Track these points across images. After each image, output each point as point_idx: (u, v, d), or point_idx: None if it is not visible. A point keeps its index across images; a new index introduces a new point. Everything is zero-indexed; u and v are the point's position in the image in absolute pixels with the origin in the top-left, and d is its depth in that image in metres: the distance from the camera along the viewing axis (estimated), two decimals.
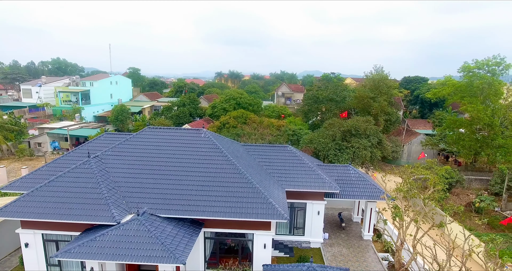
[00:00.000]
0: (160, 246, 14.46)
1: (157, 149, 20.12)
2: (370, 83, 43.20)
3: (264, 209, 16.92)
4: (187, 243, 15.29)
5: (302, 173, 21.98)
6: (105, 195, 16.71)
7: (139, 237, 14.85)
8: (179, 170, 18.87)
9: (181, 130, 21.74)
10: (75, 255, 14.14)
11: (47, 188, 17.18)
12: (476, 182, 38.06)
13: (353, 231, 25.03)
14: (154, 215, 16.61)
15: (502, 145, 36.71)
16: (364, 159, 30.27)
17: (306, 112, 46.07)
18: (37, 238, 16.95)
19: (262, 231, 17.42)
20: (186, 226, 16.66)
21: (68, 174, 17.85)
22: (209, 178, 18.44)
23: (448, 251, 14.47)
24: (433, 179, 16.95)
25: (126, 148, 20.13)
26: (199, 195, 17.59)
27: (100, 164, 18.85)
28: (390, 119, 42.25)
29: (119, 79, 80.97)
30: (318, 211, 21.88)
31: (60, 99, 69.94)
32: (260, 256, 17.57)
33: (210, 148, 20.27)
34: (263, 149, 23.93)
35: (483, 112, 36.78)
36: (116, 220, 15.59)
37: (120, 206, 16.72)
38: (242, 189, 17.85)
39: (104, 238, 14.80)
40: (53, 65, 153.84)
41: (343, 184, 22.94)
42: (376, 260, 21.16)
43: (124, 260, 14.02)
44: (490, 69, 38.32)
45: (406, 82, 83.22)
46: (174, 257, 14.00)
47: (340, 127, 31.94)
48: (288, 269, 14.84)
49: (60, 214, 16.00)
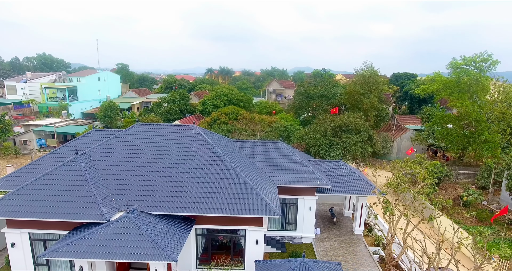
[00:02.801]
0: (151, 243, 14.26)
1: (147, 146, 19.81)
2: (360, 79, 43.46)
3: (256, 205, 16.85)
4: (178, 240, 15.12)
5: (293, 168, 21.97)
6: (93, 192, 16.38)
7: (129, 235, 14.62)
8: (169, 166, 18.62)
9: (171, 127, 21.44)
10: (63, 254, 13.83)
11: (34, 186, 16.74)
12: (464, 176, 38.79)
13: (344, 226, 25.21)
14: (144, 212, 16.37)
15: (489, 140, 37.46)
16: (355, 154, 30.49)
17: (297, 108, 46.13)
18: (24, 238, 16.52)
19: (254, 227, 17.35)
20: (177, 223, 16.47)
21: (55, 171, 17.42)
22: (200, 174, 18.25)
23: (437, 244, 14.68)
24: (423, 174, 17.13)
25: (115, 145, 19.76)
26: (190, 191, 17.40)
27: (88, 161, 18.46)
28: (380, 115, 42.63)
29: (107, 75, 79.50)
30: (310, 206, 21.93)
31: (46, 95, 68.30)
32: (252, 252, 17.52)
33: (201, 144, 20.06)
34: (254, 144, 23.81)
35: (470, 107, 37.40)
36: (106, 218, 15.30)
37: (109, 204, 16.42)
38: (233, 185, 17.73)
39: (93, 236, 14.52)
40: (38, 61, 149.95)
41: (334, 179, 23.03)
42: (367, 254, 21.37)
43: (114, 258, 13.78)
44: (478, 65, 38.92)
45: (396, 79, 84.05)
46: (165, 254, 13.83)
47: (331, 123, 32.07)
48: (280, 264, 14.82)
49: (47, 213, 15.61)
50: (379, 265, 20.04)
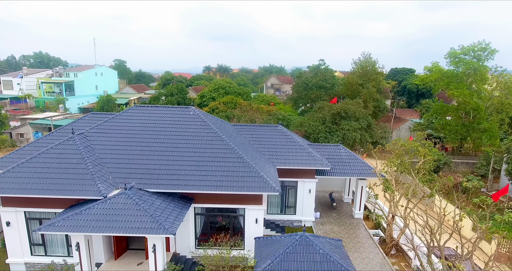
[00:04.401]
0: (149, 218, 14.03)
1: (144, 126, 19.57)
2: (359, 70, 43.32)
3: (256, 182, 16.65)
4: (176, 216, 14.90)
5: (293, 151, 21.79)
6: (90, 169, 16.13)
7: (127, 210, 14.38)
8: (167, 146, 18.39)
9: (169, 108, 21.20)
10: (59, 228, 13.58)
11: (29, 164, 16.46)
12: (463, 166, 38.74)
13: (344, 211, 25.06)
14: (142, 189, 16.13)
15: (488, 129, 37.42)
16: (354, 141, 30.33)
17: (296, 99, 45.91)
18: (19, 216, 16.22)
19: (253, 206, 17.14)
20: (175, 201, 16.25)
21: (51, 150, 17.15)
22: (198, 153, 18.04)
23: (439, 217, 14.55)
24: (423, 151, 16.98)
25: (112, 126, 19.51)
26: (188, 169, 17.18)
27: (85, 140, 18.21)
28: (379, 106, 42.50)
29: (104, 70, 79.08)
30: (310, 189, 21.74)
31: (43, 90, 67.85)
32: (252, 231, 17.30)
33: (199, 124, 19.84)
34: (253, 128, 23.61)
35: (469, 97, 37.34)
36: (103, 194, 15.05)
37: (106, 181, 16.17)
38: (232, 163, 17.52)
39: (90, 211, 14.27)
40: (35, 59, 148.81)
41: (334, 162, 22.86)
42: (367, 236, 21.21)
43: (112, 232, 13.54)
44: (476, 54, 38.86)
45: (394, 74, 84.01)
46: (163, 228, 13.61)
47: (330, 110, 31.90)
48: (281, 239, 14.62)
49: (43, 189, 15.34)
50: (380, 246, 19.90)
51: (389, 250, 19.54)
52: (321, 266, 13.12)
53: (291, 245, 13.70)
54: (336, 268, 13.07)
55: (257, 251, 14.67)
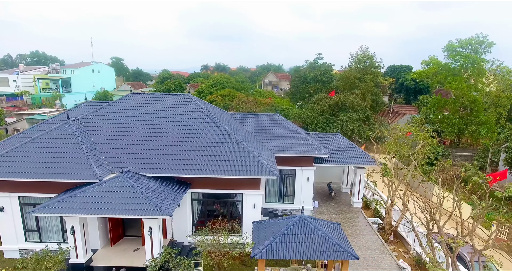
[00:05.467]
0: (145, 200, 13.84)
1: (141, 113, 19.35)
2: (357, 64, 43.25)
3: (253, 166, 16.47)
4: (173, 199, 14.70)
5: (291, 138, 21.63)
6: (86, 154, 15.91)
7: (122, 193, 14.17)
8: (164, 132, 18.19)
9: (165, 95, 21.00)
10: (53, 210, 13.35)
11: (24, 149, 16.22)
12: (461, 158, 38.69)
13: (343, 200, 24.94)
14: (138, 174, 15.93)
15: (485, 122, 37.44)
16: (352, 132, 30.23)
17: (294, 93, 45.80)
18: (14, 202, 15.96)
19: (251, 191, 16.95)
20: (172, 185, 16.06)
21: (46, 135, 16.92)
22: (195, 139, 17.84)
23: (438, 198, 14.45)
24: (422, 135, 16.87)
25: (108, 112, 19.29)
26: (185, 154, 16.99)
27: (80, 126, 17.98)
28: (376, 100, 42.43)
29: (101, 67, 78.69)
30: (308, 177, 21.59)
31: (39, 87, 67.40)
32: (250, 217, 17.11)
33: (196, 111, 19.65)
34: (251, 117, 23.44)
35: (466, 89, 37.35)
36: (98, 177, 14.84)
37: (102, 165, 15.95)
38: (229, 148, 17.34)
39: (85, 194, 14.06)
40: (31, 58, 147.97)
41: (332, 151, 22.72)
42: (366, 224, 21.09)
43: (107, 214, 13.33)
44: (474, 47, 38.89)
45: (391, 71, 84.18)
46: (160, 209, 13.41)
47: (328, 102, 31.80)
48: (279, 222, 14.45)
49: (38, 173, 15.10)
50: (378, 233, 19.77)
51: (387, 236, 19.42)
52: (320, 247, 12.96)
53: (289, 226, 13.53)
54: (335, 249, 12.91)
55: (255, 234, 14.49)
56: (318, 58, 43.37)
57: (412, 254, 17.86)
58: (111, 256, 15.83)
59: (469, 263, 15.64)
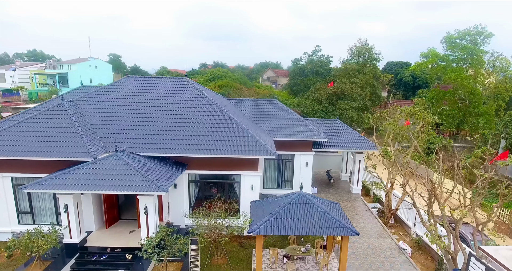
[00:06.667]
0: (141, 176, 13.53)
1: (137, 95, 19.04)
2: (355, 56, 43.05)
3: (251, 146, 16.18)
4: (169, 177, 14.40)
5: (289, 123, 21.37)
6: (80, 133, 15.58)
7: (117, 170, 13.85)
8: (160, 113, 17.88)
9: (162, 79, 20.70)
10: (46, 186, 13.02)
11: (17, 129, 15.89)
12: (460, 150, 38.48)
13: (342, 187, 24.70)
14: (134, 153, 15.61)
15: (484, 112, 37.29)
16: (351, 120, 30.00)
17: (292, 85, 45.55)
18: (6, 183, 15.63)
19: (249, 172, 16.66)
20: (168, 164, 15.74)
21: (40, 115, 16.59)
22: (192, 120, 17.54)
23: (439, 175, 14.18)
24: (422, 114, 16.63)
25: (103, 94, 18.98)
26: (182, 135, 16.68)
27: (75, 107, 17.65)
28: (375, 92, 42.23)
29: (98, 63, 78.26)
30: (307, 162, 21.34)
31: (36, 82, 66.90)
32: (248, 199, 16.77)
33: (194, 93, 19.36)
34: (249, 102, 23.16)
35: (465, 80, 37.21)
36: (92, 156, 14.51)
37: (97, 145, 15.63)
38: (227, 129, 17.05)
39: (79, 171, 13.73)
40: (28, 57, 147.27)
41: (331, 136, 22.48)
42: (365, 208, 20.85)
43: (101, 190, 13.00)
44: (472, 38, 38.77)
45: (390, 67, 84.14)
46: (155, 186, 13.10)
47: (327, 91, 31.58)
48: (277, 200, 14.15)
49: (31, 151, 14.76)
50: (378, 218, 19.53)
51: (387, 220, 19.17)
52: (320, 223, 12.67)
53: (288, 203, 13.23)
54: (335, 225, 12.62)
55: (253, 212, 14.19)
56: (316, 51, 43.12)
57: (413, 236, 17.61)
58: (106, 238, 15.51)
59: (471, 242, 15.41)
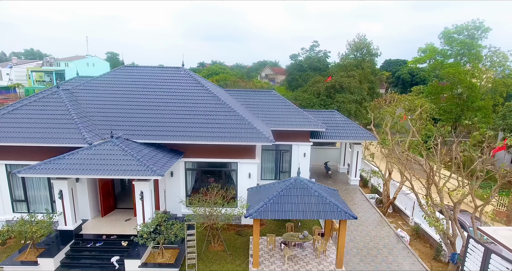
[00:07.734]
0: (136, 161, 13.37)
1: (133, 84, 18.89)
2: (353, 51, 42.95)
3: (248, 133, 16.06)
4: (165, 163, 14.25)
5: (287, 113, 21.27)
6: (75, 120, 15.42)
7: (113, 156, 13.69)
8: (157, 101, 17.74)
9: (159, 68, 20.55)
10: (40, 171, 12.85)
11: (11, 116, 15.70)
12: None
13: (340, 179, 24.61)
14: (129, 140, 15.46)
15: (482, 107, 37.27)
16: (349, 113, 29.92)
17: (290, 81, 45.44)
18: (0, 170, 15.43)
19: (246, 159, 16.53)
20: (164, 152, 15.59)
21: (35, 103, 16.41)
22: (189, 108, 17.40)
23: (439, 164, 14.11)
24: (420, 102, 16.55)
25: (99, 83, 18.83)
26: (178, 122, 16.54)
27: (70, 95, 17.49)
28: (373, 88, 42.14)
29: (96, 61, 77.92)
30: (304, 153, 21.23)
31: (33, 79, 66.51)
32: (245, 187, 16.64)
33: (190, 82, 19.23)
34: (246, 93, 23.04)
35: (463, 74, 37.16)
36: (88, 142, 14.35)
37: (92, 131, 15.46)
38: (224, 116, 16.92)
39: (74, 156, 13.56)
40: (26, 56, 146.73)
41: (329, 127, 22.38)
42: (363, 199, 20.76)
43: (96, 174, 12.84)
44: (470, 33, 38.74)
45: (387, 65, 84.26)
46: (151, 170, 12.95)
47: (325, 84, 31.49)
48: (274, 185, 14.03)
49: (25, 138, 14.59)
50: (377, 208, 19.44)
51: (386, 209, 19.09)
52: (317, 208, 12.56)
53: (285, 188, 13.12)
54: (333, 209, 12.51)
55: (250, 198, 14.06)
56: (314, 46, 43.04)
57: (411, 224, 17.53)
58: (101, 225, 15.35)
59: (470, 228, 15.34)
